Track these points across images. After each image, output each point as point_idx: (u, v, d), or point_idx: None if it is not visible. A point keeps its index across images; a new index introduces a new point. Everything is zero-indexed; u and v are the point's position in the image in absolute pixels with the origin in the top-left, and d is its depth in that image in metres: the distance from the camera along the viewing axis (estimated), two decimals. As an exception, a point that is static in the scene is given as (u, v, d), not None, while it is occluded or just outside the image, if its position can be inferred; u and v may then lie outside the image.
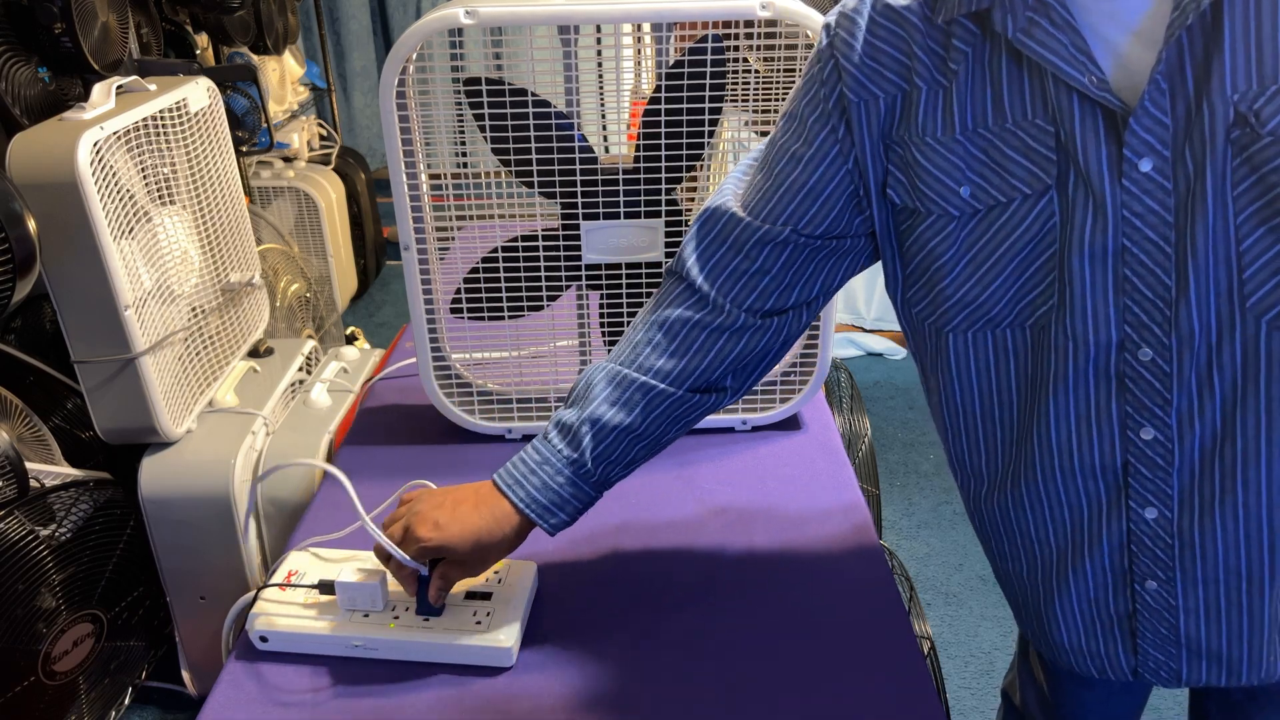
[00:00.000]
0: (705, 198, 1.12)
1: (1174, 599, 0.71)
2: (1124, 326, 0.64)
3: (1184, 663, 0.73)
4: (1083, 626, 0.76)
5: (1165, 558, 0.70)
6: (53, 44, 1.57)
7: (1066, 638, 0.77)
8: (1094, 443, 0.69)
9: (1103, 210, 0.62)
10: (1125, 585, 0.72)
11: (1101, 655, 0.76)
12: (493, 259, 1.07)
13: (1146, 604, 0.72)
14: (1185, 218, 0.61)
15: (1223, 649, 0.72)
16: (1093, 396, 0.67)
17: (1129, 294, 0.64)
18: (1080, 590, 0.74)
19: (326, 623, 0.84)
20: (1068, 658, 0.78)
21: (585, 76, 1.04)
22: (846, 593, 0.90)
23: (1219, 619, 0.71)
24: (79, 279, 1.27)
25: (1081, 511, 0.72)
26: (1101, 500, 0.70)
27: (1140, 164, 0.61)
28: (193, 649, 1.60)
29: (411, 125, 1.01)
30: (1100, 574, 0.73)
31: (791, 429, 1.18)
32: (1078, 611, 0.76)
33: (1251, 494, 0.66)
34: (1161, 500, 0.68)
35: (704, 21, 0.96)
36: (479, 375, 1.18)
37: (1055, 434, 0.70)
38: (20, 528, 1.31)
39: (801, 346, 1.15)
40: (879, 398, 2.89)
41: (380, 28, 4.47)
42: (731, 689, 0.80)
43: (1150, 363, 0.65)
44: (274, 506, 1.45)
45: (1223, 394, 0.64)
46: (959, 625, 1.98)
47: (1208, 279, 0.61)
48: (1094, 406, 0.68)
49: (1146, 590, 0.71)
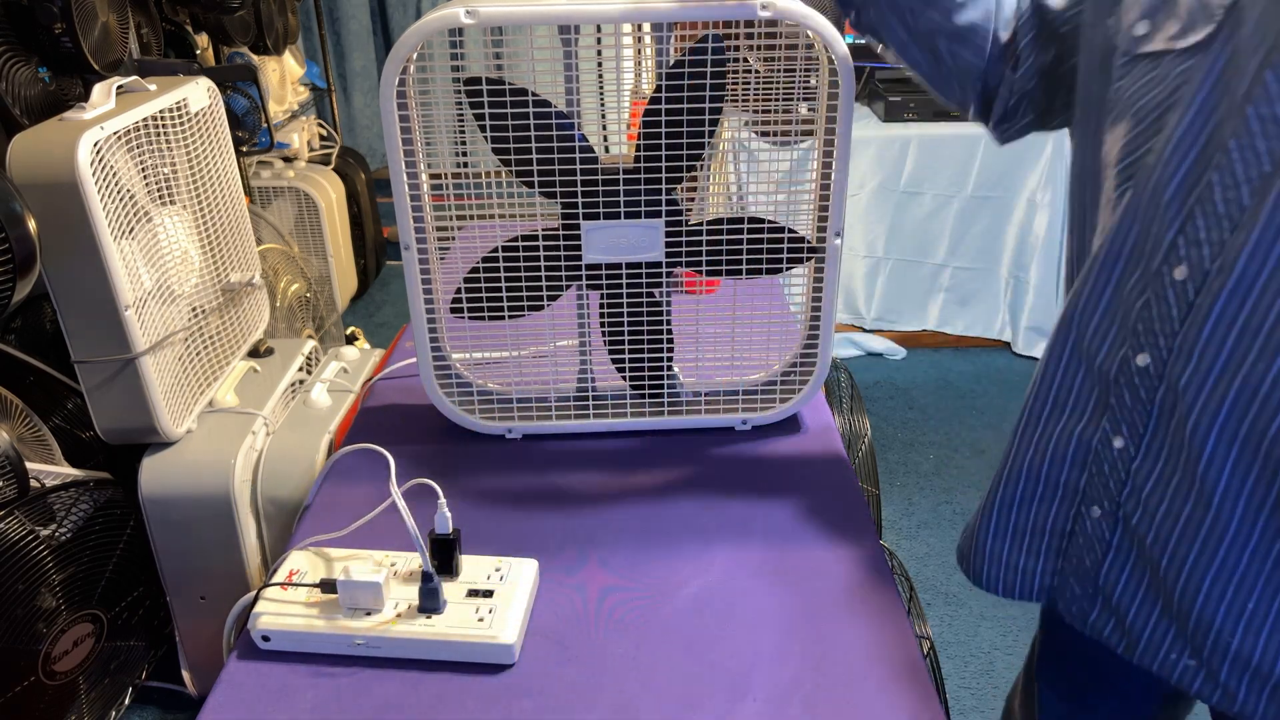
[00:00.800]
0: (704, 198, 1.12)
1: (1109, 535, 0.72)
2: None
3: (1096, 608, 0.75)
4: (1013, 532, 0.78)
5: (1114, 491, 0.71)
6: (53, 44, 1.57)
7: (991, 543, 0.79)
8: (1107, 338, 0.69)
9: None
10: (1072, 504, 0.74)
11: (1019, 569, 0.78)
12: (493, 259, 1.07)
13: (1084, 529, 0.73)
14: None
15: (1129, 611, 0.73)
16: (1125, 293, 0.68)
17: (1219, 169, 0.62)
18: (1029, 492, 0.76)
19: (328, 621, 0.84)
20: (986, 567, 0.80)
21: (585, 76, 1.04)
22: (846, 593, 0.91)
23: (1138, 578, 0.72)
24: (79, 279, 1.27)
25: (1065, 407, 0.73)
26: (1088, 404, 0.72)
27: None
28: (193, 649, 1.60)
29: (412, 125, 1.01)
30: (1053, 484, 0.75)
31: (791, 430, 1.18)
32: (1014, 516, 0.78)
33: (1206, 470, 0.66)
34: (1132, 433, 0.69)
35: (704, 22, 0.97)
36: (479, 375, 1.19)
37: (1082, 312, 0.71)
38: (20, 528, 1.31)
39: (801, 346, 1.16)
40: (879, 398, 2.90)
41: (380, 28, 4.47)
42: (731, 688, 0.80)
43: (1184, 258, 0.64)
44: (274, 506, 1.45)
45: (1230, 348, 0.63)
46: (959, 625, 1.98)
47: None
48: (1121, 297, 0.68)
49: (1089, 515, 0.73)
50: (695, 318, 1.13)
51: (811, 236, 1.08)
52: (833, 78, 0.99)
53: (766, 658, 0.83)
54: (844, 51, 0.97)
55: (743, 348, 1.15)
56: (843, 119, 1.00)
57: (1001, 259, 3.06)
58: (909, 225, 3.04)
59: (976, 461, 2.56)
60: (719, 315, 1.13)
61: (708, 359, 1.15)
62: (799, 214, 1.07)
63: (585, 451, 1.15)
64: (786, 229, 1.06)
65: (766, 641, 0.85)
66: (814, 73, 1.02)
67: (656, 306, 1.10)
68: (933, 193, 2.99)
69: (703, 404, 1.17)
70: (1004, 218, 3.00)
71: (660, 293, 1.10)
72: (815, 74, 1.02)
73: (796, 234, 1.06)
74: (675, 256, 1.07)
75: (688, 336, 1.14)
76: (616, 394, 1.19)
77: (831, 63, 0.98)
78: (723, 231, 1.06)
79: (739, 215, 1.06)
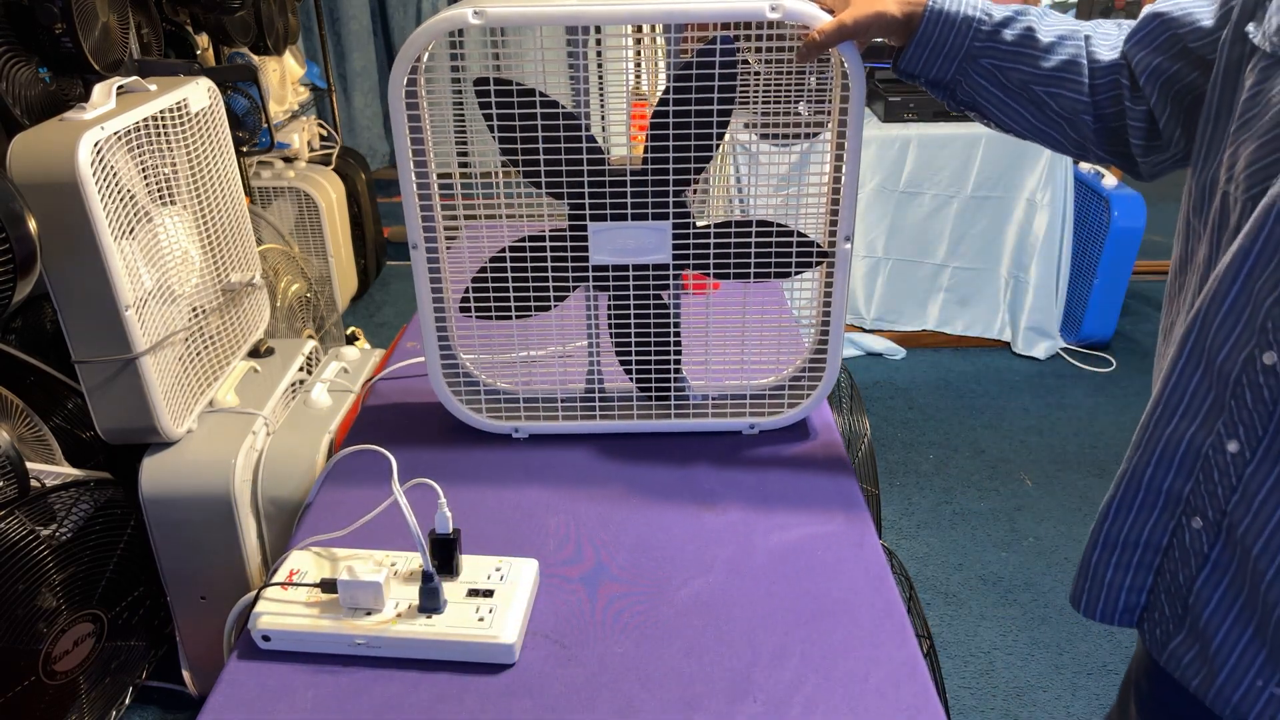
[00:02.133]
0: (706, 200, 1.12)
1: (1208, 548, 0.68)
2: None
3: (1182, 631, 0.71)
4: (1114, 545, 0.75)
5: (1222, 499, 0.68)
6: (53, 44, 1.57)
7: (1095, 559, 0.76)
8: (1231, 337, 0.67)
9: None
10: (1173, 515, 0.71)
11: (1111, 585, 0.76)
12: (500, 259, 1.07)
13: (1182, 542, 0.70)
14: None
15: (1217, 634, 0.70)
16: (1254, 292, 0.66)
17: None
18: (1129, 500, 0.74)
19: (329, 621, 0.84)
20: (1086, 587, 0.78)
21: (594, 77, 1.04)
22: (846, 593, 0.91)
23: (1233, 595, 0.68)
24: (80, 279, 1.27)
25: (1179, 410, 0.71)
26: (1204, 406, 0.69)
27: None
28: (193, 649, 1.60)
29: (423, 124, 1.01)
30: (1155, 491, 0.72)
31: (800, 436, 1.18)
32: (1110, 527, 0.75)
33: None
34: (1249, 437, 0.66)
35: (713, 23, 0.96)
36: (488, 374, 1.18)
37: (1206, 311, 0.69)
38: (21, 528, 1.31)
39: (811, 351, 1.15)
40: (879, 398, 2.90)
41: (380, 28, 4.47)
42: (731, 688, 0.80)
43: None
44: (274, 506, 1.45)
45: None
46: (959, 625, 1.98)
47: None
48: (1251, 299, 0.66)
49: (1189, 526, 0.69)
50: (704, 321, 1.12)
51: (823, 240, 1.07)
52: (844, 79, 0.98)
53: (766, 658, 0.83)
54: (854, 53, 0.96)
55: (752, 352, 1.15)
56: (853, 122, 1.00)
57: (1001, 259, 3.06)
58: (909, 225, 3.04)
59: (976, 461, 2.56)
60: (728, 319, 1.13)
61: (716, 363, 1.15)
62: (807, 217, 1.07)
63: (584, 452, 1.15)
64: (796, 232, 1.06)
65: (766, 641, 0.85)
66: (821, 74, 1.02)
67: (664, 309, 1.10)
68: (932, 193, 2.99)
69: (710, 407, 1.17)
70: (1004, 218, 3.00)
71: (668, 295, 1.10)
72: (818, 75, 1.02)
73: (806, 238, 1.06)
74: (682, 259, 1.07)
75: (696, 340, 1.14)
76: (624, 395, 1.19)
77: (843, 65, 0.97)
78: (730, 235, 1.05)
79: (747, 219, 1.05)
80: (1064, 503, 2.38)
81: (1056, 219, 2.95)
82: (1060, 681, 1.84)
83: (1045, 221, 2.95)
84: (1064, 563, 2.16)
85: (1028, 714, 1.76)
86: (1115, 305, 3.07)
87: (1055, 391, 2.91)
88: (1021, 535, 2.26)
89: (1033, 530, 2.28)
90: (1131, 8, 3.19)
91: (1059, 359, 3.11)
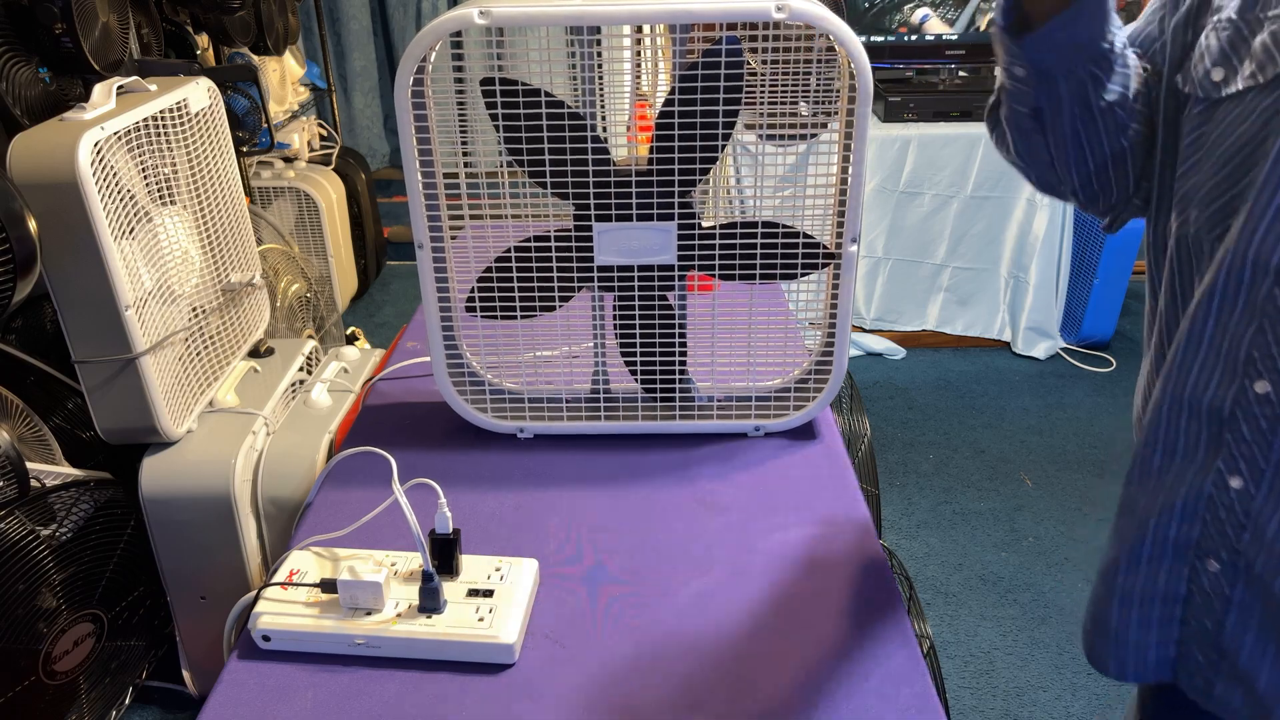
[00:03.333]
0: (709, 200, 1.12)
1: (1229, 589, 0.67)
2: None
3: (1222, 676, 0.69)
4: (1137, 602, 0.73)
5: (1233, 537, 0.66)
6: (53, 44, 1.57)
7: (1118, 616, 0.74)
8: (1215, 373, 0.66)
9: None
10: (1186, 561, 0.69)
11: (1131, 644, 0.74)
12: (505, 259, 1.07)
13: (1201, 587, 0.69)
14: None
15: (1260, 674, 0.67)
16: (1230, 326, 0.65)
17: None
18: (1135, 554, 0.72)
19: (329, 621, 0.84)
20: (1109, 647, 0.76)
21: (598, 78, 1.04)
22: (846, 593, 0.91)
23: (1267, 633, 0.67)
24: (79, 279, 1.27)
25: (1174, 455, 0.69)
26: (1198, 448, 0.68)
27: None
28: (193, 649, 1.60)
29: (429, 124, 1.01)
30: (1161, 541, 0.70)
31: (805, 438, 1.18)
32: (1138, 586, 0.72)
33: None
34: (1252, 470, 0.65)
35: (719, 23, 0.96)
36: (493, 374, 1.18)
37: (1184, 352, 0.68)
38: (21, 528, 1.31)
39: (818, 353, 1.15)
40: (879, 398, 2.90)
41: (380, 28, 4.47)
42: (731, 689, 0.80)
43: None
44: (274, 506, 1.45)
45: None
46: (959, 625, 1.98)
47: None
48: (1228, 337, 0.65)
49: (1206, 570, 0.68)
50: (710, 322, 1.12)
51: (830, 242, 1.07)
52: (851, 80, 0.98)
53: (766, 658, 0.83)
54: (861, 55, 0.96)
55: (758, 353, 1.15)
56: (859, 123, 0.99)
57: (1001, 259, 3.06)
58: (909, 225, 3.04)
59: (976, 461, 2.56)
60: (734, 320, 1.13)
61: (721, 364, 1.15)
62: (813, 219, 1.06)
63: (584, 452, 1.15)
64: (802, 234, 1.05)
65: (766, 641, 0.85)
66: (827, 75, 1.02)
67: (669, 310, 1.10)
68: (932, 193, 2.99)
69: (715, 409, 1.17)
70: (1003, 218, 3.00)
71: (673, 296, 1.09)
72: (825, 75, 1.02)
73: (812, 239, 1.06)
74: (688, 260, 1.07)
75: (702, 341, 1.14)
76: (629, 396, 1.18)
77: (850, 65, 0.97)
78: (736, 236, 1.05)
79: (753, 220, 1.05)
80: (1064, 503, 2.38)
81: (1056, 219, 2.95)
82: (1060, 681, 1.84)
83: (1045, 221, 2.95)
84: (1064, 563, 2.16)
85: (1028, 714, 1.76)
86: (1115, 305, 3.08)
87: (1055, 391, 2.91)
88: (1021, 535, 2.26)
89: (1032, 530, 2.28)
90: (1132, 8, 3.19)
91: (1059, 359, 3.11)
